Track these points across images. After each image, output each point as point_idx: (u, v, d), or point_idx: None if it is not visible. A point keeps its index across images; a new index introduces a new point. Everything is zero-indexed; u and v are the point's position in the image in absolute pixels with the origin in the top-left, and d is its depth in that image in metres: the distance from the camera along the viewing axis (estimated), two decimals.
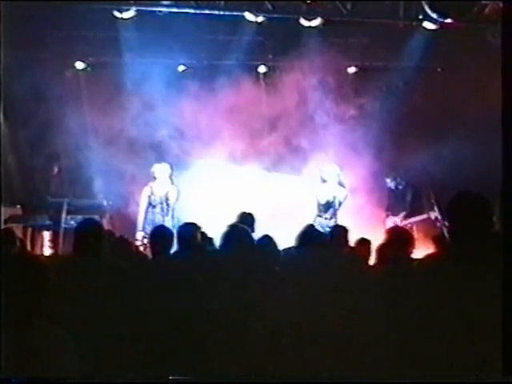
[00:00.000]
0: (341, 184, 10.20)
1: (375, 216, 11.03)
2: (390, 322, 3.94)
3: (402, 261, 4.78)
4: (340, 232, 7.01)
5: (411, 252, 5.13)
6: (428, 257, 3.72)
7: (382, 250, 5.34)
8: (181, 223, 6.77)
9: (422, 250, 5.51)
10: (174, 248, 5.46)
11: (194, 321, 4.53)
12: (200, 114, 10.90)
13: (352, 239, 6.89)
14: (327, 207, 10.09)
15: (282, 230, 7.74)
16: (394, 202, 11.20)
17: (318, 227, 9.48)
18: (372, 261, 6.07)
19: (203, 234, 7.03)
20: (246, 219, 7.37)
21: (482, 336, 3.11)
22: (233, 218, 7.63)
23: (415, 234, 9.62)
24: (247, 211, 7.89)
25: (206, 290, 4.62)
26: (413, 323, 3.33)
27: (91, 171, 10.72)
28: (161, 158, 10.40)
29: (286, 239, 7.03)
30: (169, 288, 4.59)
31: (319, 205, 10.11)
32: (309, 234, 5.11)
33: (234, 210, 8.20)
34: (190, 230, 5.63)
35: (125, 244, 6.51)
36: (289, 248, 6.27)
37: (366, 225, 10.04)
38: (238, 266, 4.80)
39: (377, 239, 6.44)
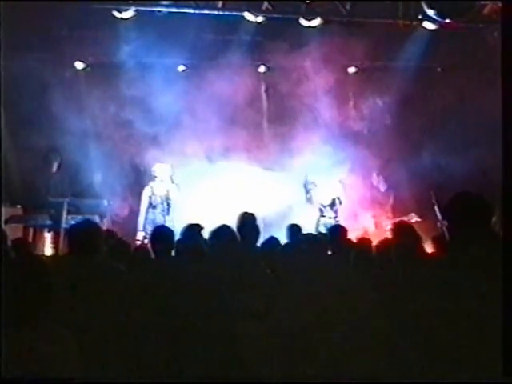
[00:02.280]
0: (341, 183, 10.25)
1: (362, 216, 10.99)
2: (390, 322, 3.94)
3: (402, 261, 4.79)
4: (339, 232, 7.00)
5: (413, 250, 5.11)
6: (428, 257, 3.73)
7: (384, 249, 5.34)
8: (184, 224, 6.76)
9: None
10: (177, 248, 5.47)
11: (194, 321, 4.54)
12: (200, 114, 10.91)
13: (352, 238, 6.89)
14: (330, 207, 10.13)
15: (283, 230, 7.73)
16: (377, 204, 11.12)
17: (321, 227, 9.57)
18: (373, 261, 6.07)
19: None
20: (248, 219, 7.35)
21: (482, 336, 3.11)
22: (234, 218, 7.62)
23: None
24: (249, 211, 7.86)
25: (204, 290, 4.63)
26: (413, 324, 3.34)
27: (91, 171, 10.73)
28: (161, 158, 10.41)
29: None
30: (169, 288, 4.59)
31: (322, 205, 10.15)
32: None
33: (235, 209, 8.19)
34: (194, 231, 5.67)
35: (124, 245, 6.49)
36: (287, 249, 6.28)
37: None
38: (234, 267, 4.81)
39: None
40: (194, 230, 6.19)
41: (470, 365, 3.12)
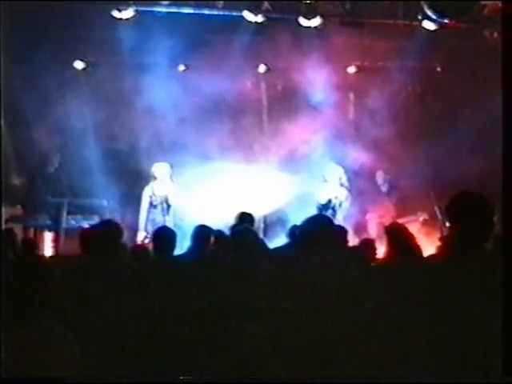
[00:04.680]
0: (343, 185, 10.21)
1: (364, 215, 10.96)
2: (390, 321, 3.94)
3: (403, 261, 4.79)
4: (339, 233, 6.99)
5: (411, 249, 5.11)
6: (428, 257, 3.72)
7: (384, 250, 5.34)
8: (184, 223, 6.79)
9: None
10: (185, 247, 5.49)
11: (194, 321, 4.54)
12: (200, 114, 10.91)
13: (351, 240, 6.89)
14: (327, 207, 10.09)
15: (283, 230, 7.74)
16: (380, 203, 11.08)
17: None
18: (374, 261, 6.08)
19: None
20: (245, 219, 7.36)
21: (482, 336, 3.11)
22: (232, 218, 7.64)
23: None
24: (246, 211, 7.88)
25: (207, 289, 4.63)
26: (413, 323, 3.33)
27: (91, 171, 10.72)
28: (161, 158, 10.40)
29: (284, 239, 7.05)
30: (170, 288, 4.59)
31: (319, 205, 10.11)
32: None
33: (234, 209, 8.20)
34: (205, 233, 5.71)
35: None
36: (287, 248, 6.29)
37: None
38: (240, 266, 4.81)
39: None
40: (204, 232, 6.23)
41: (470, 365, 3.12)
